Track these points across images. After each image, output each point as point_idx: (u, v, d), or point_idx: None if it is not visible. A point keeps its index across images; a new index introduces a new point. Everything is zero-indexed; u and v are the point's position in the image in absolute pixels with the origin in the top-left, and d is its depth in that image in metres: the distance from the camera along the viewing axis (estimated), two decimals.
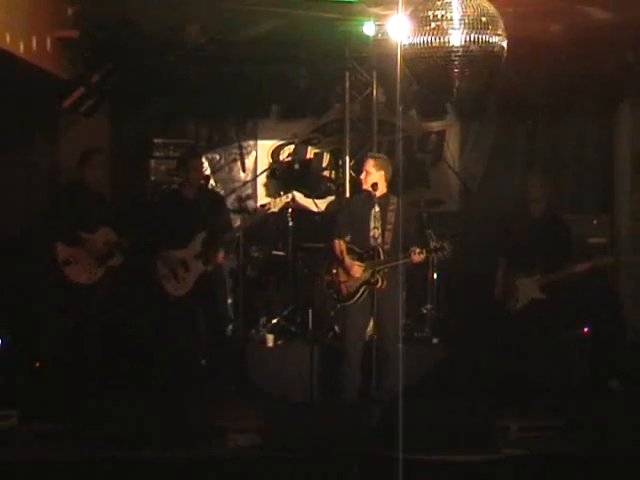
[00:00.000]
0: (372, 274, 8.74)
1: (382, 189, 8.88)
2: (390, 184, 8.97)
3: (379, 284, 8.72)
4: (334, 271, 8.93)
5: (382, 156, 9.28)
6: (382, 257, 8.76)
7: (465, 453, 7.54)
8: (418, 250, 8.67)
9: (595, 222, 10.57)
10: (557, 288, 9.13)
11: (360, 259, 8.83)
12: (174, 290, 9.17)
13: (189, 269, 9.12)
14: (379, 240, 8.80)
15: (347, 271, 8.80)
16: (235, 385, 9.33)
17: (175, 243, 9.17)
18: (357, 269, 8.77)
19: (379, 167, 8.89)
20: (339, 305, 9.07)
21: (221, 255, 9.23)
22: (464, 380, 9.19)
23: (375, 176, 8.85)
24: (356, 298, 8.79)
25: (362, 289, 8.78)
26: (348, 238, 8.89)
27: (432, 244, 8.85)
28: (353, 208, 9.11)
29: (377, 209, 8.84)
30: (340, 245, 8.90)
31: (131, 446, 7.49)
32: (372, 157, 9.08)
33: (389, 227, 8.80)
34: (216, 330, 9.41)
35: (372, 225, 8.82)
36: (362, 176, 8.94)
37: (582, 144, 11.27)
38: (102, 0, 8.96)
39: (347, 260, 8.82)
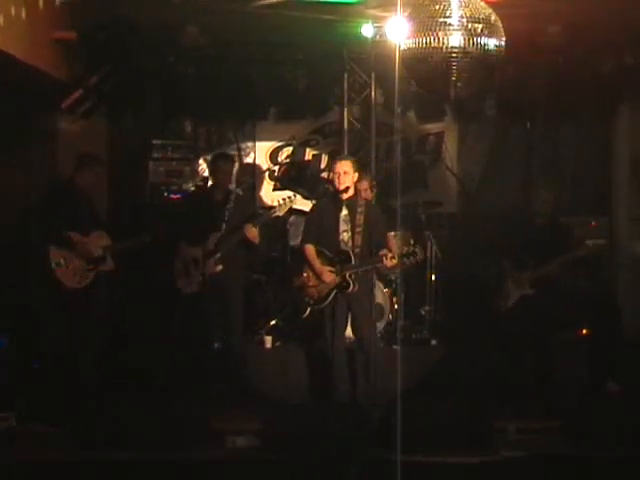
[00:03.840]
0: (343, 278, 8.75)
1: (351, 191, 8.88)
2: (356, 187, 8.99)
3: (350, 288, 8.72)
4: (305, 275, 8.92)
5: (353, 158, 9.27)
6: (353, 261, 8.76)
7: (463, 455, 7.55)
8: (390, 255, 8.66)
9: (593, 224, 10.60)
10: (552, 286, 9.16)
11: (331, 263, 8.83)
12: (185, 287, 9.21)
13: (200, 267, 9.15)
14: (349, 243, 8.81)
15: (318, 276, 8.81)
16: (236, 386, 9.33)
17: (192, 241, 9.21)
18: (328, 274, 8.77)
19: (354, 169, 8.87)
20: (309, 309, 9.08)
21: (254, 232, 9.14)
22: (463, 381, 9.19)
23: (350, 178, 8.83)
24: (327, 302, 8.79)
25: (333, 293, 8.79)
26: (317, 240, 8.90)
27: (404, 249, 8.83)
28: (321, 211, 9.09)
29: (345, 212, 8.85)
30: (310, 250, 8.90)
31: (129, 446, 7.49)
32: (346, 158, 9.04)
33: (358, 230, 8.80)
34: (224, 330, 9.44)
35: (341, 228, 8.84)
36: (337, 177, 8.84)
37: (581, 146, 11.29)
38: (101, 1, 8.96)
39: (317, 265, 8.81)
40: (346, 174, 8.80)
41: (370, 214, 8.86)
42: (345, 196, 8.85)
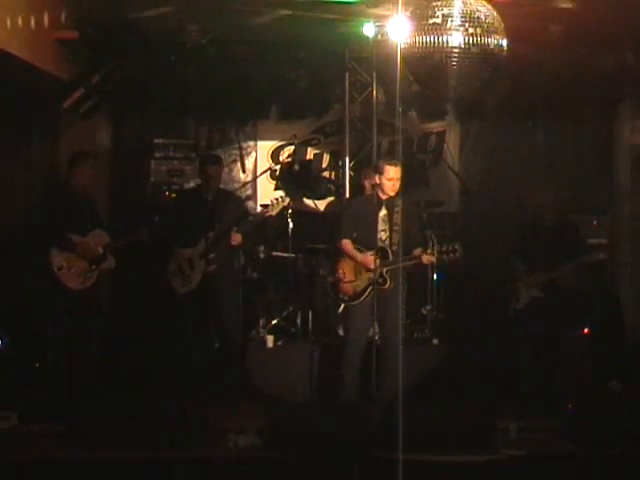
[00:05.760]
0: (380, 275, 8.74)
1: (392, 192, 8.87)
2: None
3: (387, 284, 8.73)
4: (340, 271, 8.92)
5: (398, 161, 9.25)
6: (391, 258, 8.77)
7: (465, 453, 7.55)
8: (429, 251, 8.68)
9: (595, 222, 10.60)
10: (557, 288, 9.16)
11: None
12: (180, 287, 9.22)
13: (194, 267, 9.15)
14: (387, 242, 8.81)
15: (359, 268, 8.79)
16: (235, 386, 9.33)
17: (186, 241, 9.21)
18: (371, 261, 8.75)
19: (399, 172, 8.85)
20: (342, 305, 9.07)
21: (238, 237, 9.18)
22: (464, 380, 9.18)
23: (399, 183, 8.81)
24: (362, 298, 8.79)
25: (369, 289, 8.78)
26: (355, 236, 8.90)
27: (444, 246, 8.83)
28: (359, 209, 9.07)
29: (385, 211, 8.85)
30: (349, 244, 8.90)
31: (129, 446, 7.50)
32: (397, 164, 8.86)
33: (396, 229, 8.80)
34: (218, 330, 9.41)
35: (380, 227, 8.83)
36: (391, 184, 8.75)
37: (582, 144, 11.27)
38: (102, 0, 8.96)
39: (359, 256, 8.80)
40: (398, 180, 8.80)
41: (407, 213, 8.86)
42: (385, 196, 8.85)
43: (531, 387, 9.22)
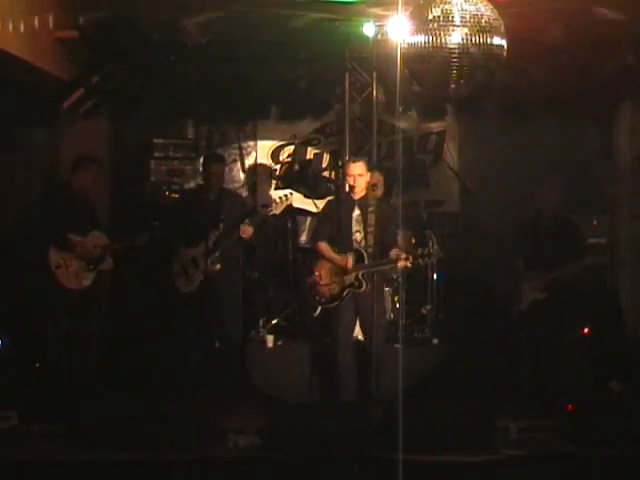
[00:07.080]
0: (356, 277, 8.74)
1: (363, 191, 8.88)
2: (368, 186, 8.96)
3: (363, 287, 8.72)
4: (316, 274, 8.93)
5: (365, 158, 9.28)
6: (366, 261, 8.76)
7: (465, 453, 7.55)
8: (404, 256, 8.66)
9: (595, 222, 10.60)
10: (558, 288, 9.16)
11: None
12: (183, 287, 9.21)
13: (198, 267, 9.15)
14: (362, 243, 8.81)
15: (335, 271, 8.80)
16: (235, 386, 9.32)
17: (189, 241, 9.21)
18: (351, 260, 8.74)
19: (366, 170, 8.88)
20: (320, 307, 9.08)
21: (249, 230, 9.17)
22: (464, 380, 9.18)
23: (364, 180, 8.83)
24: (339, 301, 8.80)
25: (345, 292, 8.79)
26: (329, 238, 8.90)
27: (419, 250, 8.84)
28: (333, 211, 9.09)
29: (358, 212, 8.86)
30: (325, 246, 8.91)
31: (129, 446, 7.49)
32: (360, 160, 9.02)
33: (370, 230, 8.79)
34: (218, 330, 9.41)
35: (354, 228, 8.84)
36: (352, 180, 8.84)
37: (582, 144, 11.26)
38: (102, 0, 8.95)
39: (337, 257, 8.81)
40: (360, 176, 8.84)
41: (382, 213, 8.84)
42: (357, 196, 8.86)
43: (531, 387, 9.22)
